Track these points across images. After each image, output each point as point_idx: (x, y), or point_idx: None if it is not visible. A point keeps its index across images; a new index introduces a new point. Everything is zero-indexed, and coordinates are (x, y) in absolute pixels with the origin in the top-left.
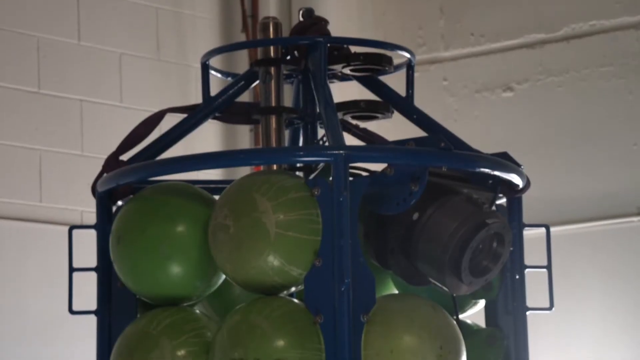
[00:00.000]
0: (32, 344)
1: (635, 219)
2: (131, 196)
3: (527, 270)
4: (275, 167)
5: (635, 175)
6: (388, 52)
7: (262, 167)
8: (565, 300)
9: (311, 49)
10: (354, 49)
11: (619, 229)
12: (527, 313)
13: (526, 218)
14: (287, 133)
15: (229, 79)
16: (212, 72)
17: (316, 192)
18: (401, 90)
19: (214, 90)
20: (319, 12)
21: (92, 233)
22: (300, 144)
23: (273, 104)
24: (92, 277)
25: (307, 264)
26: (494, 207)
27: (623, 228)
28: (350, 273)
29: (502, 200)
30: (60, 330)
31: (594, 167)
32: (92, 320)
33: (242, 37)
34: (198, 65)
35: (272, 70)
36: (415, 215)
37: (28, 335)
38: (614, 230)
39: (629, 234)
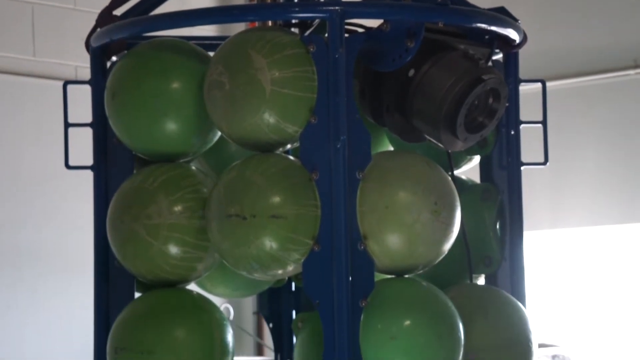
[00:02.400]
0: (28, 199)
1: (632, 72)
2: (125, 52)
3: (522, 125)
4: (270, 23)
5: (632, 28)
6: None
7: (257, 24)
8: (560, 155)
9: None
10: None
11: (616, 82)
12: (522, 168)
13: (522, 73)
14: None
15: None
16: None
17: (312, 49)
18: None
19: None
20: None
21: (87, 88)
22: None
23: None
24: (88, 132)
25: (303, 121)
26: (490, 63)
27: (620, 81)
28: (345, 130)
29: (499, 56)
30: (56, 185)
31: (592, 21)
32: (89, 175)
33: None
34: None
35: None
36: (411, 72)
37: (24, 189)
38: (610, 84)
39: (626, 87)
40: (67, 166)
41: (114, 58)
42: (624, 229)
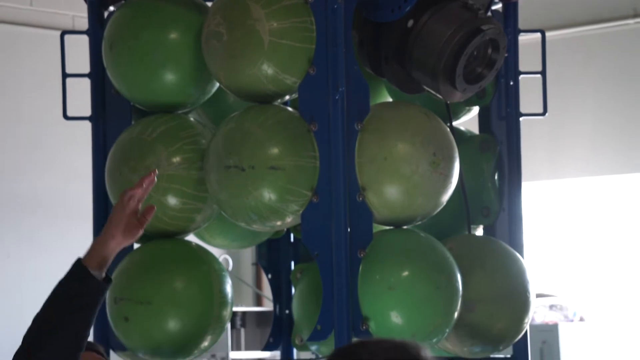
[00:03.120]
0: (27, 149)
1: (631, 21)
2: (123, 2)
3: (521, 76)
4: None
5: None
6: None
7: None
8: (559, 105)
9: None
10: None
11: (615, 32)
12: (521, 119)
13: (521, 23)
14: None
15: None
16: None
17: (310, 0)
18: None
19: None
20: None
21: (85, 39)
22: None
23: None
24: (86, 83)
25: (301, 72)
26: (489, 13)
27: (619, 31)
28: (344, 81)
29: (498, 6)
30: (54, 135)
31: None
32: (87, 126)
33: None
34: None
35: None
36: (410, 23)
37: (23, 139)
38: (609, 34)
39: (625, 36)
40: (65, 117)
41: (111, 8)
42: (622, 179)
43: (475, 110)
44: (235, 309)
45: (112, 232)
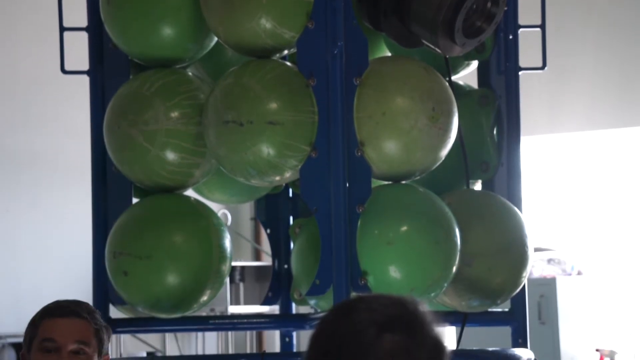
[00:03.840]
0: (24, 103)
1: None
2: None
3: (520, 30)
4: None
5: None
6: None
7: None
8: (558, 59)
9: None
10: None
11: None
12: (520, 73)
13: None
14: None
15: None
16: None
17: None
18: None
19: None
20: None
21: None
22: None
23: None
24: (84, 37)
25: (300, 27)
26: None
27: None
28: (342, 36)
29: None
30: (52, 89)
31: None
32: (85, 80)
33: None
34: None
35: None
36: None
37: (20, 94)
38: None
39: None
40: (63, 71)
41: None
42: (621, 133)
43: (475, 64)
44: (234, 263)
45: None
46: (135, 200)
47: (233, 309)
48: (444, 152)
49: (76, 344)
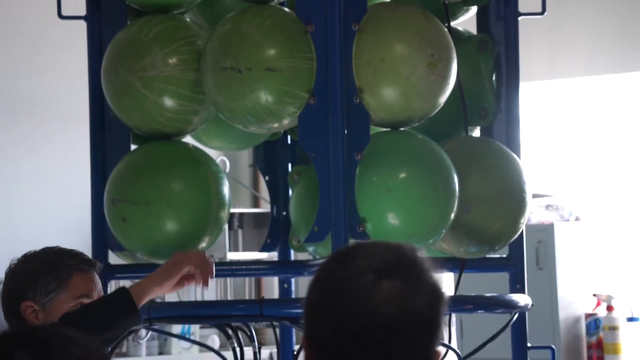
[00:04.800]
0: (24, 48)
1: None
2: None
3: None
4: None
5: None
6: None
7: None
8: (557, 4)
9: None
10: None
11: None
12: (519, 18)
13: None
14: None
15: None
16: None
17: None
18: None
19: None
20: None
21: None
22: None
23: None
24: None
25: None
26: None
27: None
28: None
29: None
30: (49, 35)
31: None
32: (82, 25)
33: None
34: None
35: None
36: None
37: (18, 41)
38: None
39: None
40: (60, 16)
41: None
42: (621, 79)
43: (474, 10)
44: (232, 210)
45: (163, 282)
46: (133, 147)
47: (232, 256)
48: (443, 98)
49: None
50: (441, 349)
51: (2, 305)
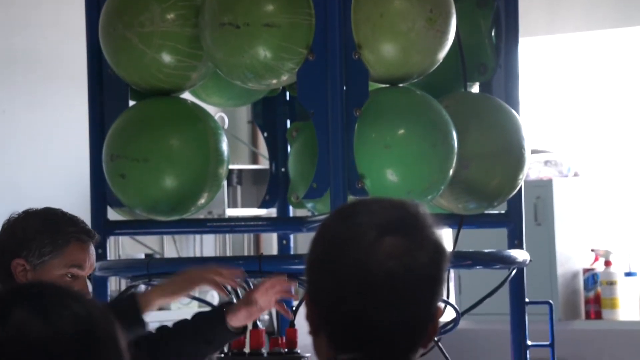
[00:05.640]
0: (22, 6)
1: None
2: None
3: None
4: None
5: None
6: None
7: None
8: None
9: None
10: None
11: None
12: None
13: None
14: None
15: None
16: None
17: None
18: None
19: None
20: None
21: None
22: None
23: None
24: None
25: None
26: None
27: None
28: None
29: None
30: None
31: None
32: None
33: None
34: None
35: None
36: None
37: None
38: None
39: None
40: None
41: None
42: (621, 33)
43: None
44: (231, 166)
45: (172, 296)
46: (132, 103)
47: (230, 212)
48: (442, 54)
49: (91, 270)
50: (440, 305)
51: None
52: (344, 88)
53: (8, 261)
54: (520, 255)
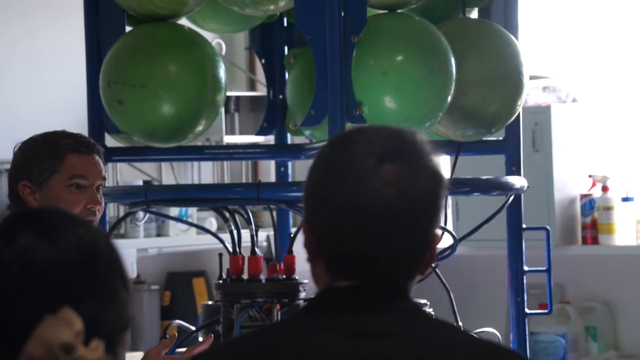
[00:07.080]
0: None
1: None
2: None
3: None
4: None
5: None
6: None
7: None
8: None
9: None
10: None
11: None
12: None
13: None
14: None
15: None
16: None
17: None
18: None
19: None
20: None
21: None
22: None
23: None
24: None
25: None
26: None
27: None
28: None
29: None
30: None
31: None
32: None
33: None
34: None
35: None
36: None
37: None
38: None
39: None
40: None
41: None
42: None
43: None
44: (228, 93)
45: None
46: (128, 28)
47: (228, 139)
48: None
49: (101, 180)
50: (438, 232)
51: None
52: (342, 14)
53: (15, 186)
54: (518, 181)
